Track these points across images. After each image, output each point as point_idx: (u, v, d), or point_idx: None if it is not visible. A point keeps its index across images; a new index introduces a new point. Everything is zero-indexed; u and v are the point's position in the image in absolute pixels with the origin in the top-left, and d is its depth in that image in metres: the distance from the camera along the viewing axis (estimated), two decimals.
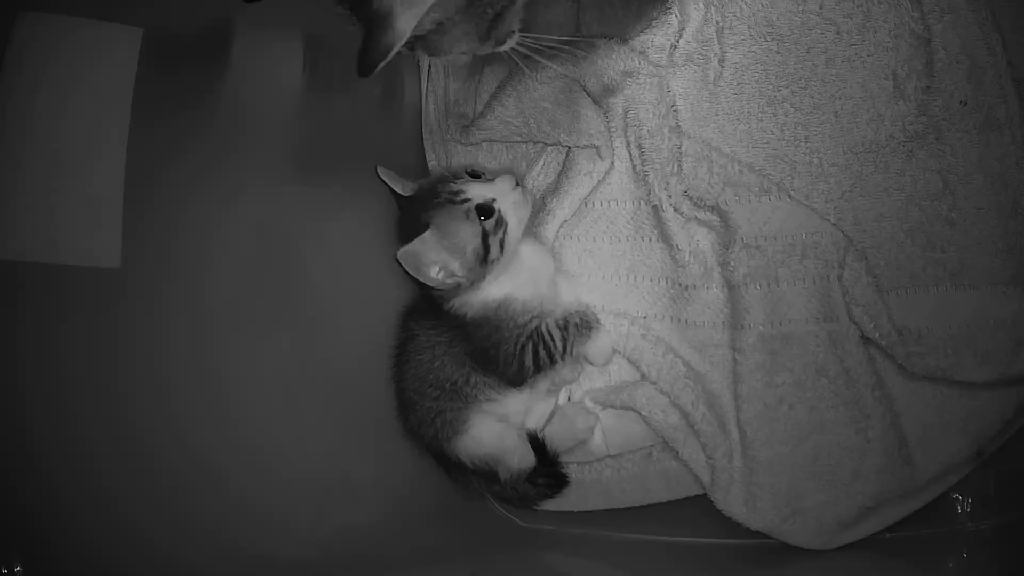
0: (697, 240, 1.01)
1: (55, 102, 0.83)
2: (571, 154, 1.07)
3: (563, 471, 1.06)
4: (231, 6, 0.97)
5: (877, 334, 0.96)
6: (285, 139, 0.99)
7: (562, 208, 1.06)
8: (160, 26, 0.88)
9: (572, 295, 1.04)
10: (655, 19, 1.01)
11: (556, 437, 1.05)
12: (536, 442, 1.03)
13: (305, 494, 0.94)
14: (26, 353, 0.78)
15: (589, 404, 1.06)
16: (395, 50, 0.64)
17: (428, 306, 1.00)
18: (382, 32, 0.63)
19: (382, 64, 0.64)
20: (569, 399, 1.08)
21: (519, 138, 1.11)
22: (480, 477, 1.01)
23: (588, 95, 1.07)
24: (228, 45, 0.96)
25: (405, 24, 0.64)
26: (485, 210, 0.92)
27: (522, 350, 0.96)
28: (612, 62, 1.02)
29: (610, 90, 1.06)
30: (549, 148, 1.11)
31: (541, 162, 1.12)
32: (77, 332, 0.80)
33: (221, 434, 0.88)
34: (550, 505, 1.09)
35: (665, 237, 1.03)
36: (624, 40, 1.02)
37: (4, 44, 0.80)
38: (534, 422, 1.05)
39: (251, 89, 0.98)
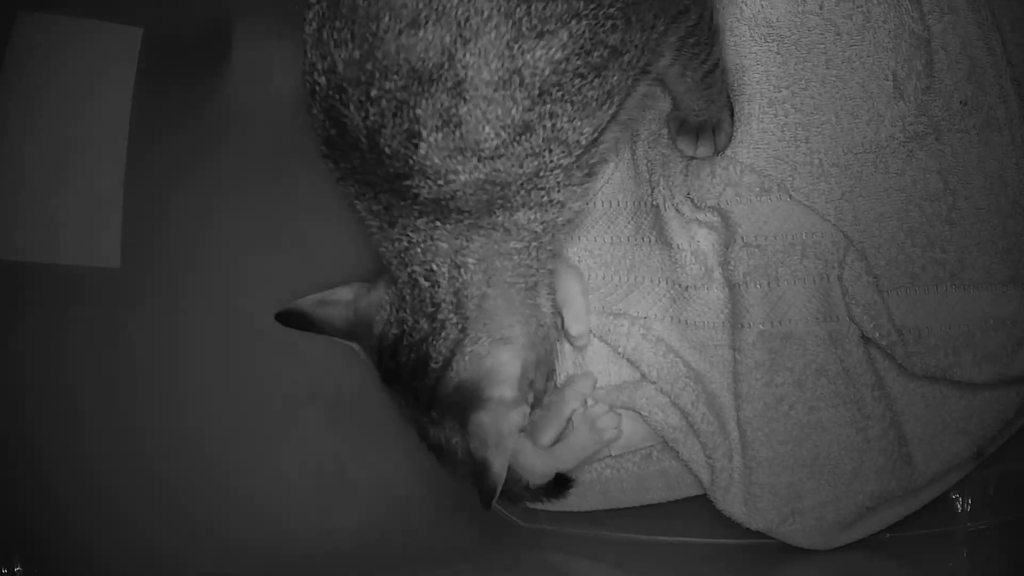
0: (698, 240, 1.01)
1: (55, 102, 0.84)
2: None
3: (568, 488, 1.05)
4: (231, 6, 0.97)
5: (877, 334, 0.96)
6: (286, 139, 0.99)
7: None
8: (160, 26, 0.88)
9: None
10: None
11: (580, 444, 1.02)
12: (563, 481, 1.03)
13: (305, 494, 0.94)
14: (26, 353, 0.78)
15: (590, 402, 1.06)
16: (500, 486, 0.75)
17: None
18: (486, 478, 0.74)
19: (496, 497, 0.76)
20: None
21: None
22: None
23: None
24: (228, 45, 0.96)
25: (500, 468, 0.75)
26: None
27: None
28: None
29: None
30: None
31: None
32: (77, 332, 0.81)
33: (222, 434, 0.88)
34: (550, 505, 1.09)
35: (665, 238, 1.03)
36: None
37: (4, 44, 0.80)
38: (553, 430, 1.03)
39: (251, 89, 0.98)
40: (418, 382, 0.78)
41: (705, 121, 0.98)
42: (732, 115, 1.00)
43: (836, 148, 0.98)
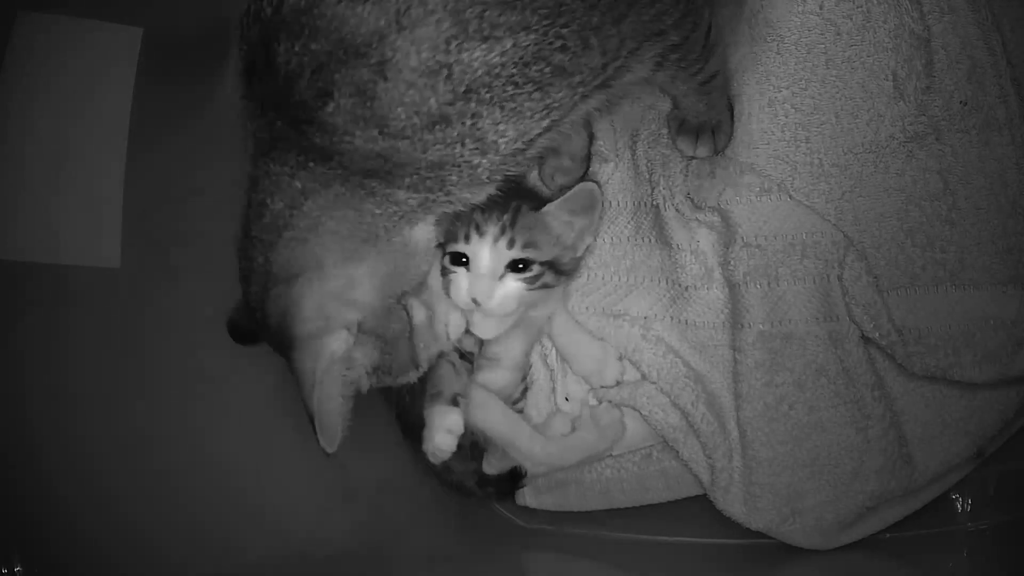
0: (698, 240, 1.01)
1: (55, 102, 0.84)
2: None
3: (520, 484, 1.06)
4: (231, 6, 0.97)
5: (877, 334, 0.96)
6: None
7: None
8: (160, 26, 0.88)
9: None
10: None
11: (585, 442, 1.01)
12: (516, 475, 1.03)
13: (305, 494, 0.94)
14: (27, 353, 0.78)
15: (592, 402, 1.06)
16: (318, 422, 0.74)
17: None
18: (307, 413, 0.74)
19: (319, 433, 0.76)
20: (567, 399, 1.07)
21: None
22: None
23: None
24: (228, 45, 0.96)
25: (314, 406, 0.75)
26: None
27: None
28: None
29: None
30: None
31: None
32: (77, 332, 0.81)
33: (221, 434, 0.88)
34: (550, 505, 1.09)
35: (665, 238, 1.03)
36: None
37: (4, 44, 0.80)
38: (559, 426, 1.04)
39: None
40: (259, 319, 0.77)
41: (705, 121, 0.98)
42: (732, 115, 1.00)
43: (836, 148, 0.98)
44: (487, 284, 0.84)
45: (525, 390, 1.05)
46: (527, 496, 1.10)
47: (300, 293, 0.73)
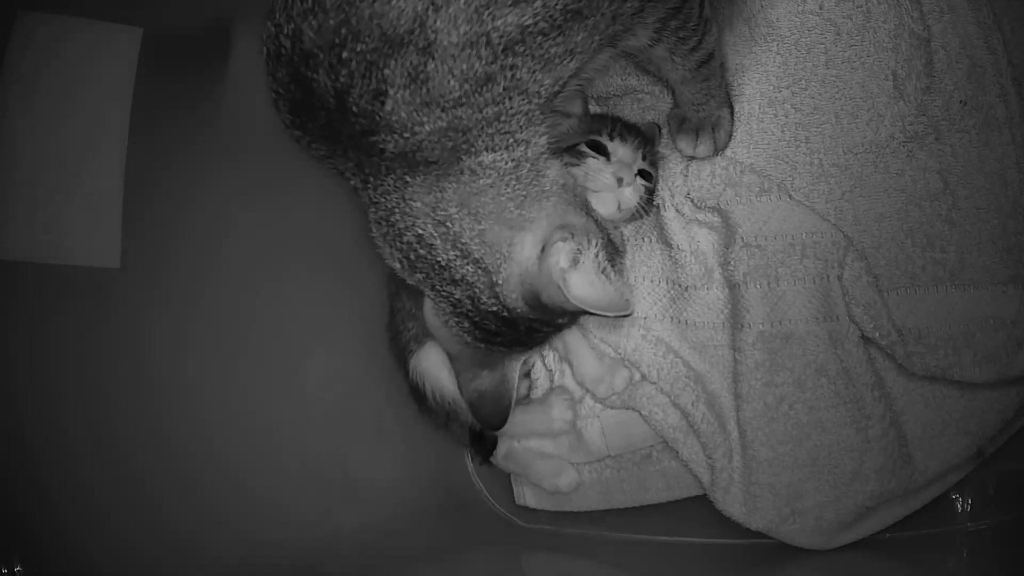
0: (698, 241, 1.01)
1: (55, 102, 0.84)
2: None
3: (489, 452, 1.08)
4: (231, 6, 0.97)
5: (877, 334, 0.96)
6: (285, 138, 0.99)
7: None
8: (160, 26, 0.88)
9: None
10: None
11: (529, 419, 1.04)
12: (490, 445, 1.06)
13: (305, 495, 0.94)
14: (27, 353, 0.78)
15: (590, 403, 1.06)
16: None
17: None
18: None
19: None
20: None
21: None
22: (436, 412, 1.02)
23: (593, 99, 1.07)
24: (228, 45, 0.96)
25: (575, 288, 0.75)
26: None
27: None
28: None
29: (615, 94, 1.06)
30: None
31: None
32: (77, 332, 0.81)
33: (221, 434, 0.88)
34: (549, 505, 1.09)
35: (665, 238, 1.03)
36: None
37: (4, 44, 0.80)
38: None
39: (251, 89, 0.98)
40: (510, 331, 0.80)
41: (704, 118, 0.98)
42: (732, 114, 1.00)
43: (836, 148, 0.98)
44: (628, 170, 0.94)
45: (530, 387, 1.06)
46: (527, 496, 1.10)
47: (521, 255, 0.76)
